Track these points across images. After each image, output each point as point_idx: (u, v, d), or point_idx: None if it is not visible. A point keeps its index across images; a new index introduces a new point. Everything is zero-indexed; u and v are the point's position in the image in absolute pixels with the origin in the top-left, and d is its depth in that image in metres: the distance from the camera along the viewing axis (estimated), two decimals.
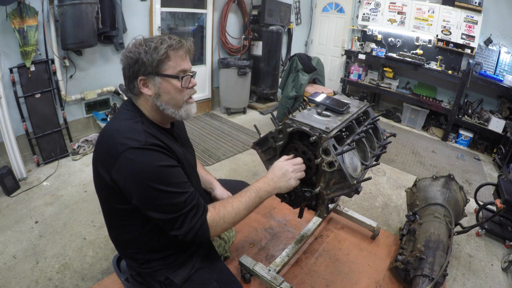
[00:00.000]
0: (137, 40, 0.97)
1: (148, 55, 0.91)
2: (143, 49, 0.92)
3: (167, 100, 0.95)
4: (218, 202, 1.01)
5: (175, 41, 0.94)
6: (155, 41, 0.93)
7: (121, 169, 0.85)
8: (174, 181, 0.88)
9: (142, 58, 0.91)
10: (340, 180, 1.16)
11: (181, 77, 0.95)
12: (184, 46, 0.97)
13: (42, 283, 1.58)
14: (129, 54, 0.93)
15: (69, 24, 2.48)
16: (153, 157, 0.86)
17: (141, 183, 0.85)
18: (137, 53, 0.92)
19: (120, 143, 0.85)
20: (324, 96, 1.44)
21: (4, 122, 2.33)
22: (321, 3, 5.60)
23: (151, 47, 0.91)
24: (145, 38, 0.97)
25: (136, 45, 0.94)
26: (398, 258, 1.71)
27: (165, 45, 0.92)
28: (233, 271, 1.71)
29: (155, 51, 0.91)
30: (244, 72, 4.09)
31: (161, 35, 0.97)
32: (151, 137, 0.89)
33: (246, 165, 3.00)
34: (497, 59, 4.08)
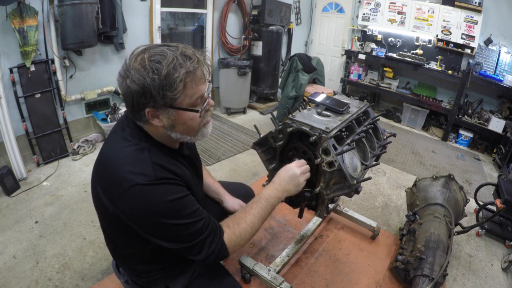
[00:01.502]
0: (139, 59, 0.75)
1: (157, 87, 0.73)
2: (150, 77, 0.73)
3: (183, 130, 0.84)
4: (230, 219, 0.96)
5: (191, 63, 0.76)
6: (165, 63, 0.73)
7: (128, 205, 0.77)
8: (187, 212, 0.81)
9: (150, 91, 0.74)
10: (340, 180, 1.16)
11: (201, 109, 0.82)
12: (201, 65, 0.80)
13: (42, 283, 1.58)
14: (131, 83, 0.74)
15: (69, 24, 2.48)
16: (162, 192, 0.78)
17: (152, 221, 0.78)
18: (141, 83, 0.73)
19: (125, 178, 0.76)
20: (324, 96, 1.44)
21: (4, 122, 2.32)
22: (321, 3, 5.60)
23: (162, 74, 0.73)
24: (149, 54, 0.75)
25: (139, 70, 0.74)
26: (398, 258, 1.71)
27: (181, 73, 0.74)
28: (233, 271, 1.71)
29: (167, 81, 0.73)
30: (244, 72, 4.09)
31: (168, 47, 0.77)
32: (160, 169, 0.79)
33: (246, 165, 3.00)
34: (497, 59, 4.08)
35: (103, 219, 0.94)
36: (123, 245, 0.95)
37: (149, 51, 0.76)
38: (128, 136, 0.84)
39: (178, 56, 0.75)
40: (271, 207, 1.02)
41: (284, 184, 1.06)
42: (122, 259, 1.03)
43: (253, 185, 2.62)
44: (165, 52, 0.76)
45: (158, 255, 0.98)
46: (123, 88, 0.78)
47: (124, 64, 0.79)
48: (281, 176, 1.08)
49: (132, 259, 0.99)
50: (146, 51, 0.77)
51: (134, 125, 0.86)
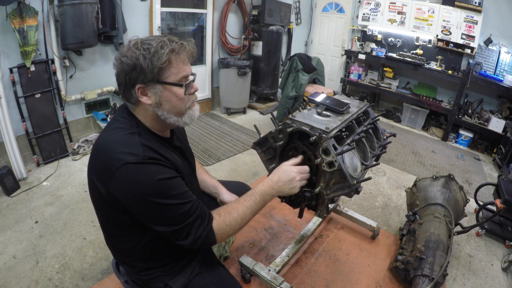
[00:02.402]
0: (132, 42, 0.87)
1: (147, 60, 0.82)
2: (141, 53, 0.83)
3: (169, 108, 0.89)
4: (223, 208, 0.99)
5: (177, 44, 0.87)
6: (154, 44, 0.84)
7: (119, 185, 0.81)
8: (175, 192, 0.85)
9: (140, 64, 0.83)
10: (340, 180, 1.16)
11: (184, 84, 0.89)
12: (186, 49, 0.89)
13: (42, 283, 1.58)
14: (125, 59, 0.84)
15: (69, 24, 2.48)
16: (151, 171, 0.82)
17: (141, 199, 0.82)
18: (134, 58, 0.83)
19: (116, 158, 0.81)
20: (324, 96, 1.44)
21: (4, 122, 2.33)
22: (321, 3, 5.60)
23: (151, 52, 0.83)
24: (142, 39, 0.87)
25: (132, 49, 0.85)
26: (398, 258, 1.71)
27: (167, 50, 0.84)
28: (233, 271, 1.71)
29: (156, 56, 0.83)
30: (244, 72, 4.09)
31: (159, 36, 0.89)
32: (149, 150, 0.84)
33: (246, 165, 3.00)
34: (497, 59, 4.08)
35: (99, 211, 0.97)
36: (120, 239, 0.98)
37: (141, 38, 0.88)
38: (121, 124, 0.90)
39: (166, 40, 0.86)
40: (264, 202, 1.05)
41: (281, 184, 1.08)
42: (122, 256, 1.04)
43: (253, 185, 2.61)
44: (154, 37, 0.88)
45: (156, 251, 0.99)
46: (117, 67, 0.87)
47: (120, 49, 0.89)
48: (280, 176, 1.09)
49: (132, 256, 1.00)
50: (138, 39, 0.88)
51: (127, 114, 0.92)
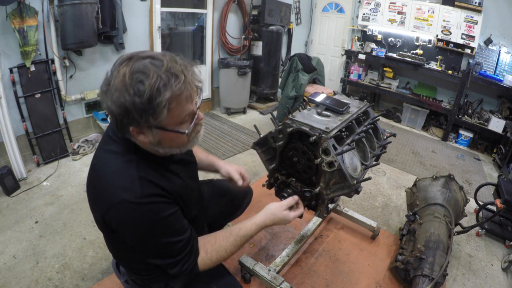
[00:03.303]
0: (121, 74, 0.69)
1: (140, 111, 0.69)
2: (131, 99, 0.68)
3: (170, 146, 0.80)
4: (211, 243, 0.94)
5: (177, 83, 0.70)
6: (148, 84, 0.67)
7: (115, 220, 0.78)
8: (171, 230, 0.82)
9: (132, 113, 0.69)
10: (340, 180, 1.16)
11: (187, 132, 0.78)
12: (189, 85, 0.73)
13: (42, 283, 1.58)
14: (112, 105, 0.70)
15: (69, 24, 2.48)
16: (148, 211, 0.77)
17: (137, 237, 0.80)
18: (123, 104, 0.68)
19: (113, 192, 0.76)
20: (324, 96, 1.44)
21: (4, 122, 2.32)
22: (321, 3, 5.60)
23: (144, 97, 0.67)
24: (132, 69, 0.69)
25: (120, 89, 0.68)
26: (398, 258, 1.71)
27: (166, 97, 0.69)
28: (233, 271, 1.71)
29: (150, 106, 0.68)
30: (244, 72, 4.09)
31: (153, 62, 0.70)
32: (147, 185, 0.78)
33: (246, 165, 3.00)
34: (497, 59, 4.08)
35: (97, 223, 0.95)
36: (120, 247, 0.97)
37: (132, 65, 0.70)
38: (116, 148, 0.82)
39: (163, 74, 0.69)
40: (251, 238, 1.03)
41: (273, 224, 1.07)
42: (121, 259, 1.04)
43: (253, 185, 2.61)
44: (148, 69, 0.69)
45: None
46: (104, 105, 0.73)
47: (106, 75, 0.73)
48: (275, 222, 1.07)
49: (131, 260, 1.00)
50: (129, 64, 0.70)
51: (122, 135, 0.82)
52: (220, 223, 1.45)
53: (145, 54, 0.73)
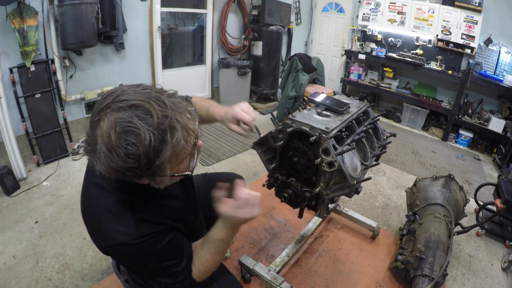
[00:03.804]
0: (105, 136, 0.59)
1: (138, 174, 0.63)
2: (124, 165, 0.60)
3: (172, 181, 0.74)
4: (203, 263, 0.89)
5: (176, 134, 0.62)
6: (142, 147, 0.59)
7: (114, 255, 0.80)
8: (169, 256, 0.82)
9: (128, 176, 0.63)
10: (340, 180, 1.16)
11: (191, 171, 0.75)
12: (187, 126, 0.67)
13: (42, 283, 1.58)
14: (103, 167, 0.62)
15: (69, 24, 2.48)
16: (146, 247, 0.76)
17: (136, 266, 0.84)
18: (118, 170, 0.61)
19: (108, 236, 0.75)
20: (324, 96, 1.44)
21: (4, 122, 2.32)
22: (321, 3, 5.60)
23: (141, 162, 0.60)
24: (118, 128, 0.59)
25: (109, 155, 0.59)
26: (398, 258, 1.71)
27: (166, 154, 0.62)
28: (233, 271, 1.71)
29: (149, 168, 0.62)
30: (244, 72, 4.09)
31: (137, 115, 0.60)
32: (143, 225, 0.75)
33: (246, 165, 3.00)
34: (497, 59, 4.08)
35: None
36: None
37: (114, 121, 0.59)
38: (106, 183, 0.76)
39: (155, 131, 0.60)
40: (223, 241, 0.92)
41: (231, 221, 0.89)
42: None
43: (253, 185, 2.62)
44: (136, 126, 0.59)
45: None
46: (94, 166, 0.64)
47: (87, 130, 0.65)
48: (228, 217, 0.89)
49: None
50: (109, 118, 0.60)
51: None
52: (216, 214, 1.45)
53: (125, 102, 0.61)
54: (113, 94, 0.64)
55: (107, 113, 0.61)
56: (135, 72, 3.47)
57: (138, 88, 0.67)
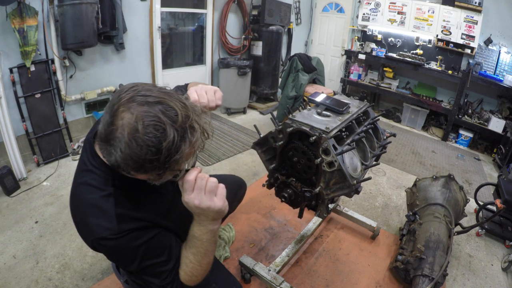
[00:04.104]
0: (126, 127, 0.62)
1: (155, 167, 0.65)
2: (145, 156, 0.62)
3: (168, 178, 0.76)
4: (186, 263, 0.87)
5: (195, 133, 0.67)
6: (167, 143, 0.62)
7: (99, 250, 0.80)
8: (152, 253, 0.81)
9: (144, 167, 0.65)
10: (340, 180, 1.16)
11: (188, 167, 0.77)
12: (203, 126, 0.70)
13: (42, 283, 1.58)
14: (119, 158, 0.64)
15: (69, 24, 2.48)
16: (128, 241, 0.77)
17: (121, 263, 0.84)
18: (137, 162, 0.64)
19: (91, 231, 0.76)
20: (324, 96, 1.44)
21: (4, 122, 2.32)
22: (321, 3, 5.60)
23: (162, 155, 0.63)
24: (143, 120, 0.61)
25: (131, 146, 0.62)
26: (398, 258, 1.71)
27: (185, 151, 0.66)
28: (233, 271, 1.71)
29: (168, 161, 0.65)
30: (244, 72, 4.09)
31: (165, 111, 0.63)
32: (124, 220, 0.76)
33: (246, 165, 3.00)
34: (497, 59, 4.08)
35: None
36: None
37: (142, 116, 0.62)
38: (93, 179, 0.78)
39: (179, 128, 0.64)
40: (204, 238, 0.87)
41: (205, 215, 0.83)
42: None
43: (253, 185, 2.62)
44: (163, 123, 0.62)
45: None
46: (107, 157, 0.67)
47: (104, 119, 0.65)
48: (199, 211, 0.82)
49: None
50: (134, 111, 0.62)
51: (99, 164, 0.78)
52: None
53: (152, 97, 0.64)
54: (135, 89, 0.66)
55: (133, 106, 0.63)
56: (135, 72, 3.47)
57: (158, 87, 0.69)
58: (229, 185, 1.42)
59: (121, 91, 0.67)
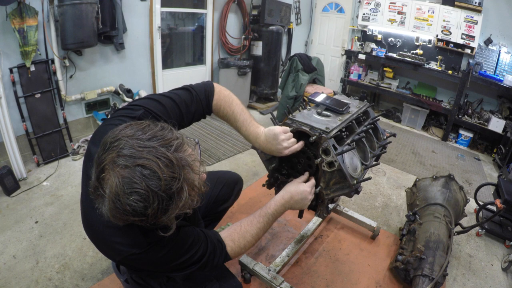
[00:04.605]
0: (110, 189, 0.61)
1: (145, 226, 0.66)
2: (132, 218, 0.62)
3: None
4: (236, 231, 1.00)
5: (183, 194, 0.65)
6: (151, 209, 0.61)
7: (129, 265, 0.83)
8: (184, 249, 0.84)
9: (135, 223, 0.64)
10: (340, 180, 1.16)
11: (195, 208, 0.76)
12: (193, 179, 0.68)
13: (42, 283, 1.58)
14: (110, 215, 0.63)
15: (69, 24, 2.48)
16: (159, 250, 0.78)
17: (154, 269, 0.85)
18: (125, 221, 0.63)
19: (117, 250, 0.76)
20: (324, 96, 1.44)
21: (4, 122, 2.32)
22: (321, 3, 5.60)
23: (149, 219, 0.63)
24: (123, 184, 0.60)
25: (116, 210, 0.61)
26: (398, 258, 1.71)
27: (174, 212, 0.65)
28: (233, 271, 1.71)
29: (156, 222, 0.65)
30: (244, 72, 4.09)
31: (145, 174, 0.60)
32: (152, 233, 0.75)
33: (246, 165, 3.00)
34: (497, 59, 4.08)
35: None
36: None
37: (123, 180, 0.60)
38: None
39: (163, 193, 0.61)
40: (275, 221, 1.09)
41: (293, 203, 1.09)
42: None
43: (253, 185, 2.62)
44: (145, 189, 0.60)
45: None
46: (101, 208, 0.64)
47: (93, 179, 0.64)
48: (292, 195, 1.09)
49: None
50: (114, 173, 0.60)
51: None
52: (213, 211, 1.49)
53: (131, 159, 0.61)
54: (116, 147, 0.63)
55: (113, 169, 0.61)
56: (135, 72, 3.47)
57: (144, 137, 0.64)
58: (226, 182, 1.43)
59: (104, 145, 0.64)
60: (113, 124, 0.84)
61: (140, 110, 0.87)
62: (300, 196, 1.09)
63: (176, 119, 0.96)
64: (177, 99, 0.97)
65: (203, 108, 1.03)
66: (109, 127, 0.84)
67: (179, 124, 0.98)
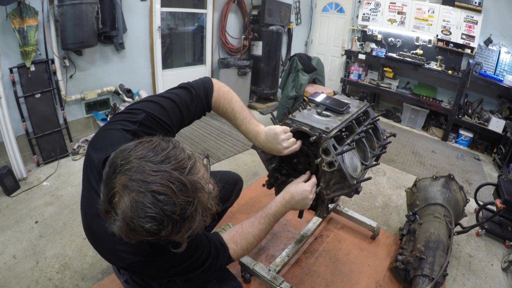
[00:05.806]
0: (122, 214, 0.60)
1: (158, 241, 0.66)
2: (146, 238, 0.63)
3: None
4: (238, 233, 1.01)
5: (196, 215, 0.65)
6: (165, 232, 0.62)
7: (132, 271, 0.83)
8: (187, 255, 0.83)
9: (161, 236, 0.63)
10: (340, 180, 1.16)
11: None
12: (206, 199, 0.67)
13: (42, 283, 1.58)
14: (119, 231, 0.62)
15: (69, 24, 2.48)
16: (162, 258, 0.79)
17: (156, 274, 0.85)
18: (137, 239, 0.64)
19: (125, 257, 0.76)
20: (324, 96, 1.44)
21: (4, 122, 2.32)
22: (321, 3, 5.60)
23: (162, 240, 0.64)
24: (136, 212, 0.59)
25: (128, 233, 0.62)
26: (398, 258, 1.71)
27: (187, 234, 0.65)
28: (233, 271, 1.71)
29: (169, 241, 0.66)
30: (244, 72, 4.09)
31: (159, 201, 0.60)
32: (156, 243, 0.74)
33: (246, 165, 3.00)
34: (497, 59, 4.08)
35: None
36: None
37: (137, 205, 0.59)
38: None
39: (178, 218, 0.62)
40: (276, 221, 1.10)
41: (294, 203, 1.10)
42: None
43: (253, 185, 2.62)
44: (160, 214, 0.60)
45: None
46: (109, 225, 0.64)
47: (103, 198, 0.64)
48: (293, 195, 1.10)
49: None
50: (130, 201, 0.59)
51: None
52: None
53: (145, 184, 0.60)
54: (128, 170, 0.61)
55: (126, 194, 0.60)
56: (135, 72, 3.47)
57: (156, 159, 0.62)
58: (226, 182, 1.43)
59: (114, 166, 0.62)
60: (114, 129, 0.84)
61: (141, 114, 0.86)
62: (301, 196, 1.09)
63: (177, 120, 0.96)
64: (177, 99, 0.96)
65: (203, 106, 1.03)
66: (110, 132, 0.84)
67: (180, 125, 0.98)
